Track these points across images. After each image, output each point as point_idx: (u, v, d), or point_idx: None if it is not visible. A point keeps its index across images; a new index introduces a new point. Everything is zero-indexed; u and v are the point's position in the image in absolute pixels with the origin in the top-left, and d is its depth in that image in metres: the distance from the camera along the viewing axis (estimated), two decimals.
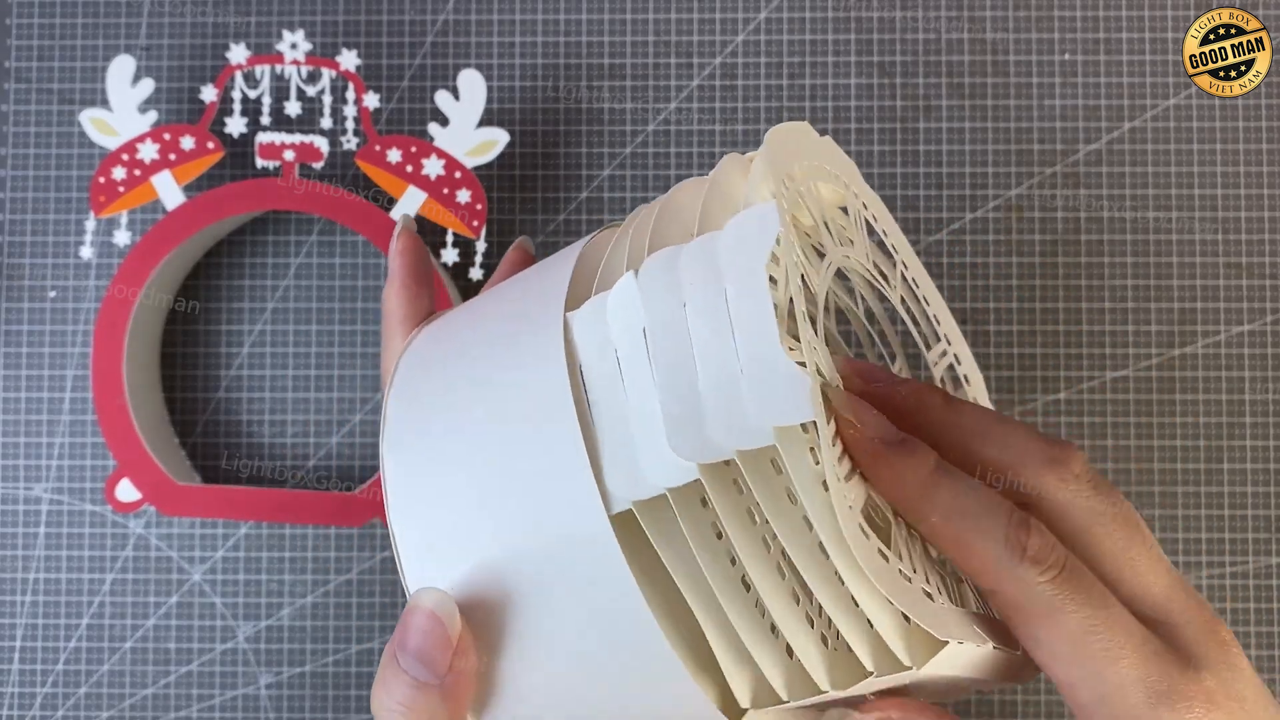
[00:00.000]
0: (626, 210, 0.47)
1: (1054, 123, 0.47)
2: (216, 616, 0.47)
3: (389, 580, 0.47)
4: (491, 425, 0.25)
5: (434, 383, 0.27)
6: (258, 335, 0.48)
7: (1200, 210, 0.47)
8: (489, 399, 0.25)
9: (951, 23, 0.47)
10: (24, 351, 0.47)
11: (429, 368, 0.27)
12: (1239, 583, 0.46)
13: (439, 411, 0.26)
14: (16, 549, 0.47)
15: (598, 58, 0.48)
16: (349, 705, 0.46)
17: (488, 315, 0.28)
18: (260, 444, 0.47)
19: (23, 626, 0.47)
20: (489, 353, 0.26)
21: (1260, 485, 0.46)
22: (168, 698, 0.46)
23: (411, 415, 0.27)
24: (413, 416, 0.27)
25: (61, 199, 0.48)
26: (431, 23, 0.48)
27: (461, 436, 0.25)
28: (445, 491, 0.25)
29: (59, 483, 0.47)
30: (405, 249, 0.29)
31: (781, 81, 0.47)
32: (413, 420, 0.26)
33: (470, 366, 0.26)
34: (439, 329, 0.29)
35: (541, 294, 0.26)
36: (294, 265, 0.48)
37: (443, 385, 0.27)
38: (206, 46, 0.48)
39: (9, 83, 0.48)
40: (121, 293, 0.44)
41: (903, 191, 0.47)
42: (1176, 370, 0.46)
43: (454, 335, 0.28)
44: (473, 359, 0.26)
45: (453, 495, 0.25)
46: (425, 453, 0.26)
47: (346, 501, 0.43)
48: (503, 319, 0.27)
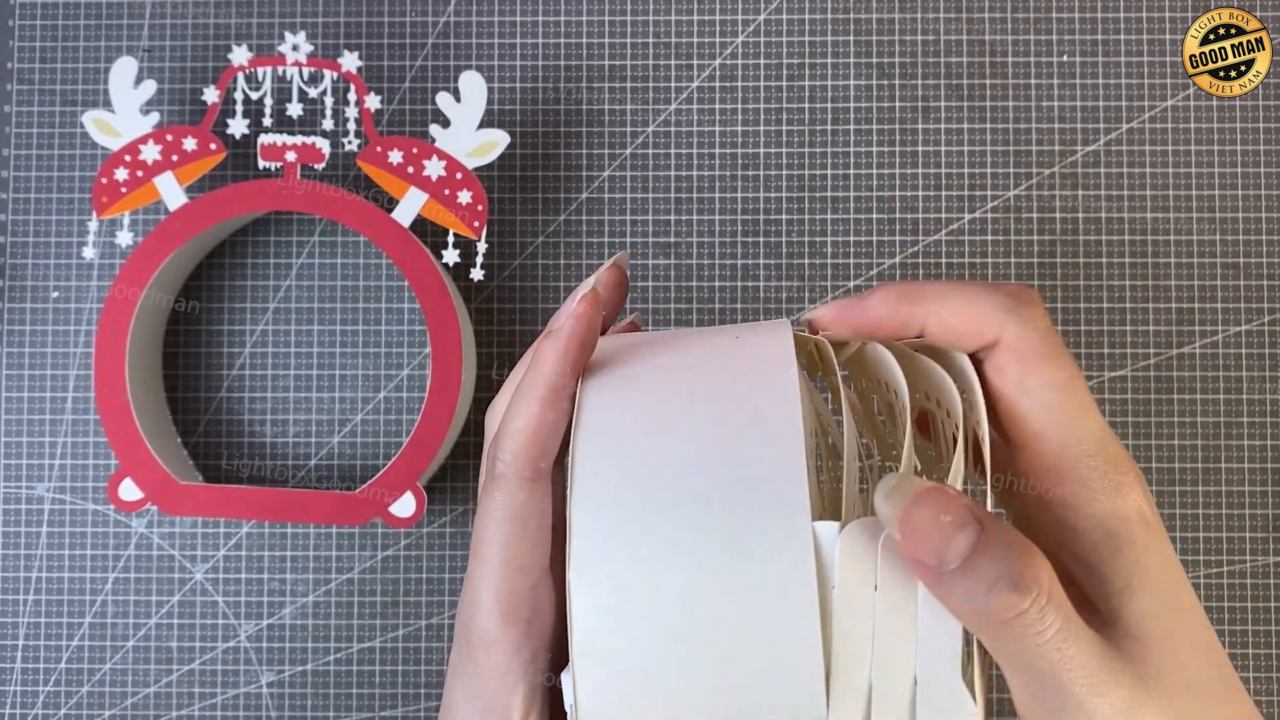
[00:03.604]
0: (626, 210, 0.47)
1: (1052, 124, 0.47)
2: (218, 615, 0.47)
3: (389, 579, 0.47)
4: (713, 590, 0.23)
5: (638, 516, 0.24)
6: (259, 335, 0.48)
7: (1198, 211, 0.47)
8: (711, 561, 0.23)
9: (950, 24, 0.48)
10: (27, 351, 0.47)
11: (628, 494, 0.24)
12: (1237, 582, 0.46)
13: (647, 566, 0.23)
14: (19, 548, 0.47)
15: (598, 59, 0.48)
16: (350, 704, 0.46)
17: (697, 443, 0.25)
18: (262, 443, 0.48)
19: (25, 625, 0.47)
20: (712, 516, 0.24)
21: (1258, 485, 0.46)
22: (169, 696, 0.47)
23: (609, 535, 0.24)
24: (611, 538, 0.24)
25: (64, 200, 0.48)
26: (432, 24, 0.48)
27: (672, 584, 0.23)
28: (649, 655, 0.23)
29: (61, 482, 0.47)
30: (585, 314, 0.26)
31: (781, 82, 0.48)
32: (610, 542, 0.24)
33: (687, 515, 0.24)
34: (632, 452, 0.25)
35: (775, 464, 0.24)
36: (295, 266, 0.48)
37: (645, 517, 0.24)
38: (208, 48, 0.48)
39: (12, 84, 0.48)
40: (124, 293, 0.44)
41: (901, 192, 0.47)
42: (1174, 370, 0.46)
43: (656, 463, 0.24)
44: (691, 502, 0.24)
45: (661, 661, 0.23)
46: (625, 593, 0.23)
47: (347, 501, 0.43)
48: (722, 464, 0.24)
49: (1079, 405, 0.25)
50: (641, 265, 0.47)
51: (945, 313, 0.26)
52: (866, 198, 0.47)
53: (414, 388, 0.47)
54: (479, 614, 0.26)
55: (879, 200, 0.47)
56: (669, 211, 0.47)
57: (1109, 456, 0.25)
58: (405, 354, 0.47)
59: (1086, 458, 0.25)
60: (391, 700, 0.46)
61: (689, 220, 0.47)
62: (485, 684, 0.26)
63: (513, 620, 0.25)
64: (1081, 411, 0.25)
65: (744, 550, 0.23)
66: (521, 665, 0.26)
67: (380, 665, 0.46)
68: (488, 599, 0.25)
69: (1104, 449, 0.25)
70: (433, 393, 0.44)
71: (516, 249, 0.48)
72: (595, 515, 0.24)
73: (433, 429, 0.43)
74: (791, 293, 0.47)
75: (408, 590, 0.47)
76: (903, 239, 0.47)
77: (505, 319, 0.48)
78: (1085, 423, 0.25)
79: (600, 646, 0.23)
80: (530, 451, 0.26)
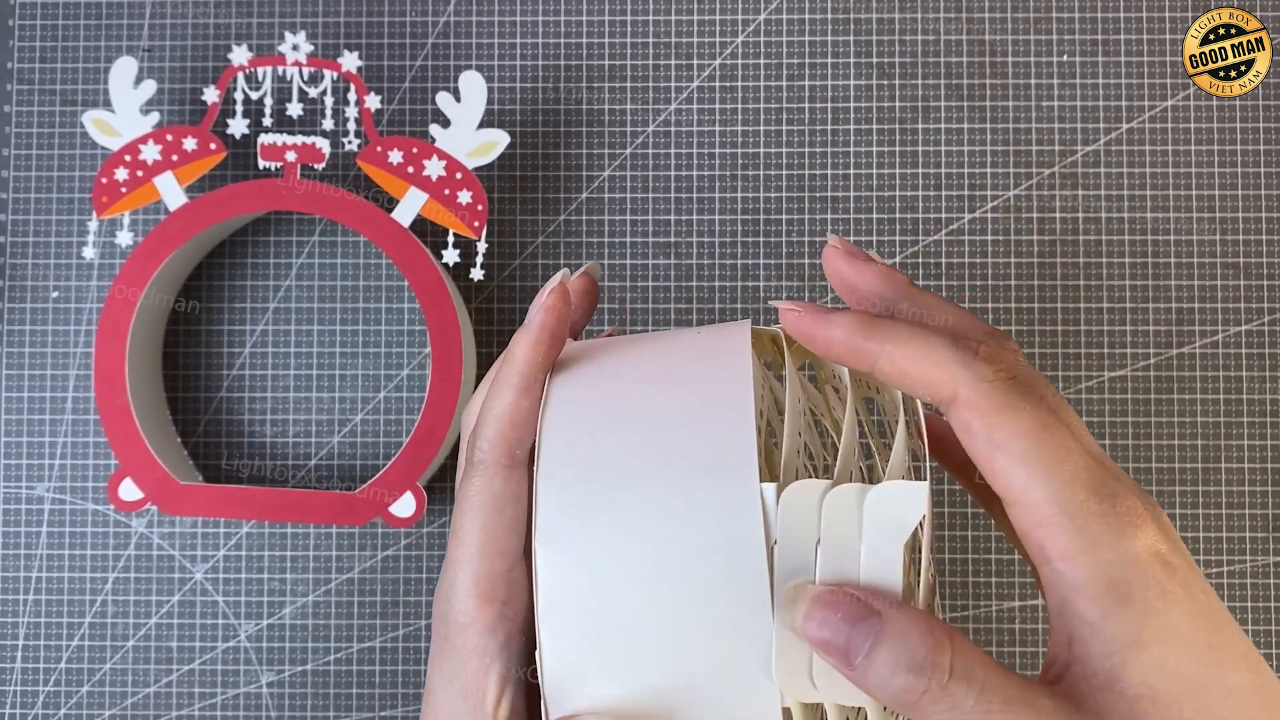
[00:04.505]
0: (626, 210, 0.47)
1: (1052, 124, 0.47)
2: (218, 615, 0.47)
3: (389, 579, 0.47)
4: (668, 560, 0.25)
5: (597, 488, 0.26)
6: (259, 335, 0.48)
7: (1198, 211, 0.47)
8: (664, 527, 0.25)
9: (950, 24, 0.48)
10: (27, 351, 0.47)
11: (589, 470, 0.26)
12: (1237, 582, 0.46)
13: (605, 533, 0.25)
14: (19, 548, 0.47)
15: (598, 59, 0.48)
16: (350, 704, 0.46)
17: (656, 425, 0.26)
18: (262, 443, 0.48)
19: (25, 625, 0.47)
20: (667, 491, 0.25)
21: (1257, 484, 0.46)
22: (169, 696, 0.47)
23: (571, 508, 0.25)
24: (573, 510, 0.25)
25: (64, 200, 0.48)
26: (432, 24, 0.48)
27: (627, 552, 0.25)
28: (606, 608, 0.25)
29: (61, 482, 0.47)
30: (555, 305, 0.27)
31: (781, 82, 0.48)
32: (572, 514, 0.25)
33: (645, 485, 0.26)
34: (594, 431, 0.27)
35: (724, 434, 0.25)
36: (295, 266, 0.48)
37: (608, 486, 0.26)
38: (208, 48, 0.48)
39: (12, 84, 0.48)
40: (124, 293, 0.44)
41: (901, 192, 0.47)
42: (1174, 370, 0.46)
43: (615, 441, 0.26)
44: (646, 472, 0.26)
45: (616, 615, 0.25)
46: (585, 557, 0.25)
47: (348, 501, 0.43)
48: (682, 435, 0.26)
49: (1057, 449, 0.24)
50: (641, 265, 0.47)
51: (899, 356, 0.25)
52: (866, 198, 0.47)
53: (414, 388, 0.47)
54: (456, 596, 0.27)
55: (879, 200, 0.47)
56: (669, 211, 0.47)
57: (1107, 495, 0.24)
58: (405, 354, 0.47)
59: (1079, 503, 0.24)
60: (391, 700, 0.46)
61: (689, 220, 0.47)
62: (463, 664, 0.27)
63: (489, 601, 0.26)
64: (1062, 455, 0.24)
65: (694, 513, 0.25)
66: (496, 645, 0.26)
67: (380, 665, 0.46)
68: (465, 581, 0.26)
69: (1098, 489, 0.24)
70: (433, 393, 0.44)
71: (516, 249, 0.48)
72: (558, 489, 0.25)
73: (433, 429, 0.43)
74: (791, 293, 0.47)
75: (408, 590, 0.47)
76: (903, 239, 0.47)
77: (505, 319, 0.48)
78: (1068, 466, 0.24)
79: (563, 605, 0.25)
80: (507, 437, 0.27)
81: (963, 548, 0.46)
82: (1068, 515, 0.24)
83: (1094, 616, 0.23)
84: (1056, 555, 0.24)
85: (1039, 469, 0.24)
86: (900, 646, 0.23)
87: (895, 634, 0.23)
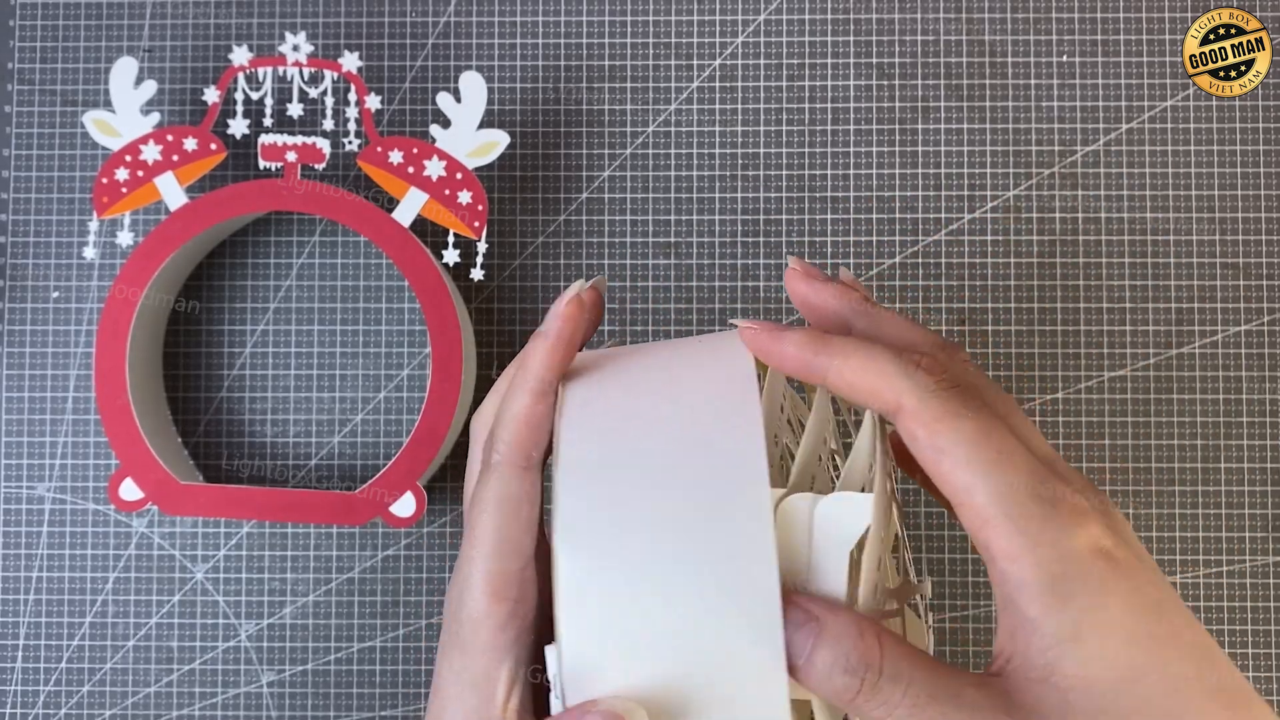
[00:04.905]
0: (626, 210, 0.47)
1: (1052, 124, 0.47)
2: (219, 615, 0.47)
3: (390, 579, 0.47)
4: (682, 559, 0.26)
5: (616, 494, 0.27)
6: (260, 335, 0.48)
7: (1198, 211, 0.47)
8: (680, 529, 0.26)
9: (950, 24, 0.48)
10: (27, 351, 0.48)
11: (607, 470, 0.27)
12: (1237, 582, 0.46)
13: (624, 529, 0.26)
14: (20, 548, 0.47)
15: (598, 59, 0.48)
16: (350, 704, 0.46)
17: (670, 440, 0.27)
18: (262, 443, 0.48)
19: (26, 625, 0.47)
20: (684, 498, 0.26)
21: (1257, 485, 0.46)
22: (170, 696, 0.47)
23: (590, 505, 0.27)
24: (592, 507, 0.27)
25: (65, 200, 0.48)
26: (433, 25, 0.48)
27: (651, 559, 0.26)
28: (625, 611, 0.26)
29: (62, 482, 0.47)
30: (573, 314, 0.29)
31: (781, 82, 0.48)
32: (591, 511, 0.27)
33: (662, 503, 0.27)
34: (609, 433, 0.28)
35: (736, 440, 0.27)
36: (296, 266, 0.48)
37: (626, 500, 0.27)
38: (209, 48, 0.48)
39: (12, 84, 0.48)
40: (124, 293, 0.44)
41: (901, 192, 0.47)
42: (1174, 370, 0.46)
43: (631, 443, 0.27)
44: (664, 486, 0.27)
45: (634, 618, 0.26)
46: (605, 552, 0.26)
47: (348, 501, 0.43)
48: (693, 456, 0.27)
49: (998, 452, 0.25)
50: (641, 265, 0.47)
51: (846, 370, 0.26)
52: (866, 198, 0.47)
53: (414, 388, 0.47)
54: (470, 592, 0.27)
55: (879, 200, 0.47)
56: (669, 211, 0.47)
57: (1048, 496, 0.25)
58: (405, 354, 0.47)
59: (1019, 504, 0.24)
60: (391, 700, 0.46)
61: (689, 220, 0.47)
62: (473, 659, 0.27)
63: (501, 599, 0.27)
64: (1003, 457, 0.25)
65: (707, 512, 0.26)
66: (506, 642, 0.27)
67: (380, 665, 0.46)
68: (479, 578, 0.27)
69: (1038, 488, 0.25)
70: (433, 393, 0.44)
71: (516, 249, 0.48)
72: (578, 486, 0.26)
73: (433, 429, 0.43)
74: None
75: (408, 590, 0.47)
76: (903, 239, 0.47)
77: (505, 319, 0.48)
78: (1009, 467, 0.25)
79: (582, 597, 0.26)
80: (524, 439, 0.28)
81: (962, 548, 0.46)
82: (1008, 516, 0.24)
83: (1035, 613, 0.24)
84: (1000, 554, 0.25)
85: (980, 471, 0.25)
86: (836, 649, 0.25)
87: (832, 637, 0.25)
